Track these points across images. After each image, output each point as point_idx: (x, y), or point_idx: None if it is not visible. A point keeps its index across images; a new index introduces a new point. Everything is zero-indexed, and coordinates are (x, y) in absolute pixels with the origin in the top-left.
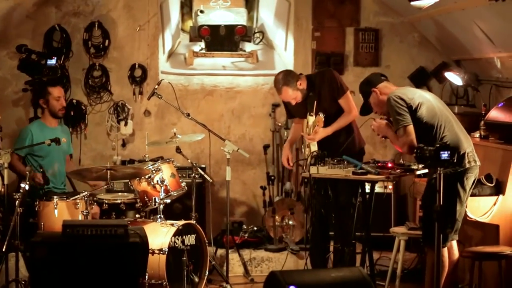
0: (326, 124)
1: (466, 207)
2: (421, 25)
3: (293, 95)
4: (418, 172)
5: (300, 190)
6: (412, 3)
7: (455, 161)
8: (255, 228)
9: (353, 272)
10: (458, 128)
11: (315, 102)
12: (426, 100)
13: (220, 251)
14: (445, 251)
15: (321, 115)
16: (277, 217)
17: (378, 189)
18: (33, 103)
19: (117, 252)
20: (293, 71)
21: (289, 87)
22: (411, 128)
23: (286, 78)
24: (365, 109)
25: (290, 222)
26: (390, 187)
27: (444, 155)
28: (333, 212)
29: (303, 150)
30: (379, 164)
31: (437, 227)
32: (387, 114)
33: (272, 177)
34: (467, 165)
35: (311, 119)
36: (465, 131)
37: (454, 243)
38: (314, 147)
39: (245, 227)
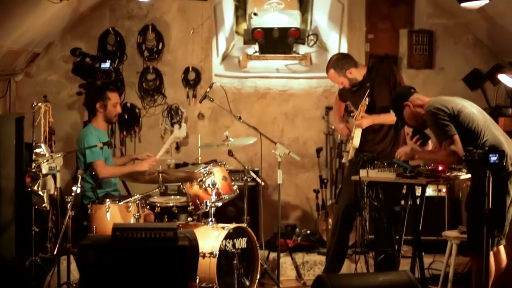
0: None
1: None
2: (475, 27)
3: (339, 80)
4: (462, 177)
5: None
6: (462, 4)
7: (504, 164)
8: (308, 232)
9: (401, 276)
10: (498, 131)
11: (367, 93)
12: (462, 106)
13: (273, 255)
14: (491, 256)
15: (367, 100)
16: (329, 220)
17: (431, 192)
18: (86, 106)
19: (166, 255)
20: (350, 57)
21: (335, 71)
22: (457, 137)
23: (337, 61)
24: (399, 125)
25: None
26: (444, 190)
27: (493, 158)
28: (383, 216)
29: (348, 144)
30: (429, 167)
31: (485, 231)
32: (422, 126)
33: (325, 181)
34: (510, 168)
35: (361, 103)
36: (505, 134)
37: (502, 249)
38: (357, 140)
39: (298, 230)
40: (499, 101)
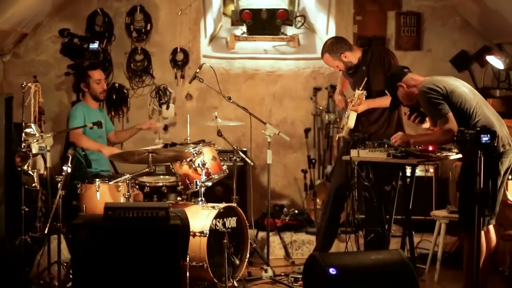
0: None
1: (507, 190)
2: (463, 9)
3: (334, 64)
4: (452, 157)
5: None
6: None
7: (495, 144)
8: (296, 211)
9: (393, 254)
10: (490, 112)
11: (365, 79)
12: (455, 86)
13: (261, 234)
14: (482, 235)
15: (364, 92)
16: (318, 200)
17: (419, 172)
18: (74, 88)
19: (158, 234)
20: (345, 40)
21: (330, 55)
22: (451, 115)
23: (332, 46)
24: (394, 105)
25: None
26: (432, 170)
27: (485, 138)
28: (373, 195)
29: (342, 120)
30: (420, 147)
31: (477, 210)
32: (417, 106)
33: (313, 161)
34: (501, 149)
35: (357, 93)
36: (497, 114)
37: (492, 228)
38: (352, 121)
39: (286, 210)
40: (486, 82)
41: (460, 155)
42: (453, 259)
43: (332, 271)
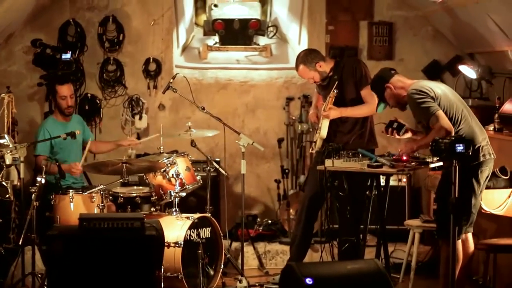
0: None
1: (481, 200)
2: (435, 19)
3: (310, 75)
4: (432, 165)
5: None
6: None
7: (470, 154)
8: (270, 222)
9: (369, 264)
10: (473, 121)
11: (335, 85)
12: (443, 92)
13: (235, 244)
14: (459, 244)
15: (335, 91)
16: (291, 210)
17: (392, 182)
18: (47, 98)
19: (133, 245)
20: (317, 51)
21: (305, 66)
22: (441, 112)
23: (306, 57)
24: (381, 105)
25: None
26: (404, 180)
27: (460, 147)
28: (348, 205)
29: (315, 134)
30: (394, 157)
31: (452, 219)
32: (403, 107)
33: (286, 171)
34: (482, 159)
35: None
36: (480, 124)
37: (470, 236)
38: (324, 131)
39: (260, 220)
40: (458, 91)
41: (435, 165)
42: (427, 269)
43: (308, 281)
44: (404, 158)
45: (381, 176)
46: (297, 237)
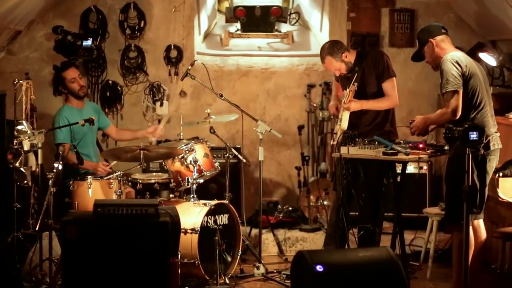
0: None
1: (497, 187)
2: (457, 5)
3: (337, 66)
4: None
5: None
6: None
7: (483, 142)
8: (290, 208)
9: (381, 252)
10: (489, 110)
11: (355, 77)
12: (476, 73)
13: (255, 231)
14: (470, 230)
15: (355, 85)
16: (311, 197)
17: (412, 169)
18: (55, 90)
19: (147, 231)
20: (341, 42)
21: (332, 57)
22: (460, 94)
23: (332, 48)
24: (417, 56)
25: (325, 202)
26: (425, 167)
27: (473, 135)
28: (363, 193)
29: (336, 126)
30: (410, 144)
31: (465, 207)
32: (435, 68)
33: (307, 158)
34: (491, 148)
35: (348, 89)
36: (493, 114)
37: (481, 223)
38: (345, 123)
39: (280, 207)
40: None
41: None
42: (446, 256)
43: (319, 268)
44: (421, 146)
45: (396, 164)
46: (332, 238)
